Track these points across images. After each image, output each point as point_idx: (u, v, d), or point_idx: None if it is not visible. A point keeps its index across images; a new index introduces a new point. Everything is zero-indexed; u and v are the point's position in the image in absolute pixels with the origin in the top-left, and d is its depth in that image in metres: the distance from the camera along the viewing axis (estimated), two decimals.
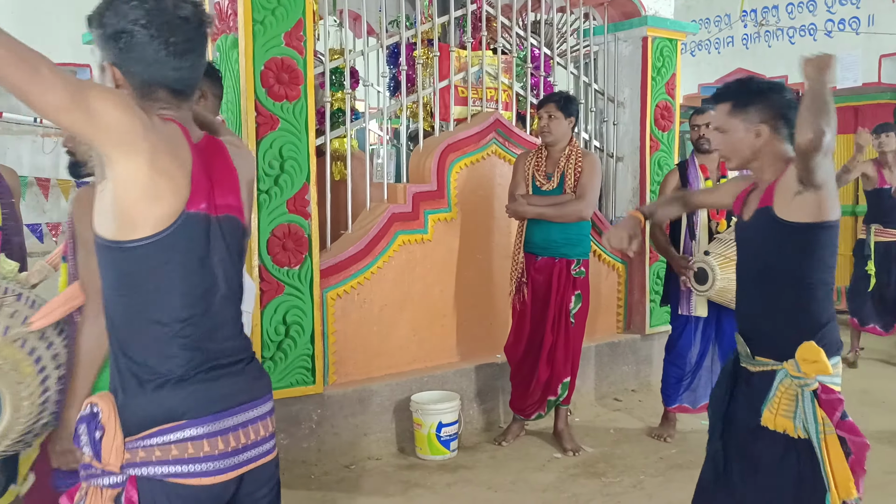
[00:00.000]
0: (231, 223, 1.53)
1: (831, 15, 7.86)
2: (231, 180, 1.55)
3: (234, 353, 1.53)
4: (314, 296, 3.77)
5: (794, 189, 2.00)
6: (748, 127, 2.13)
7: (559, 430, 4.14)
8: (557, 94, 4.11)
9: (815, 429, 2.00)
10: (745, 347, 2.17)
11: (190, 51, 1.45)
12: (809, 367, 1.99)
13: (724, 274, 3.71)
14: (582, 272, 4.01)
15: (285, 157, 3.64)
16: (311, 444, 3.82)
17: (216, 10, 3.72)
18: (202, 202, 1.44)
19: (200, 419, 1.43)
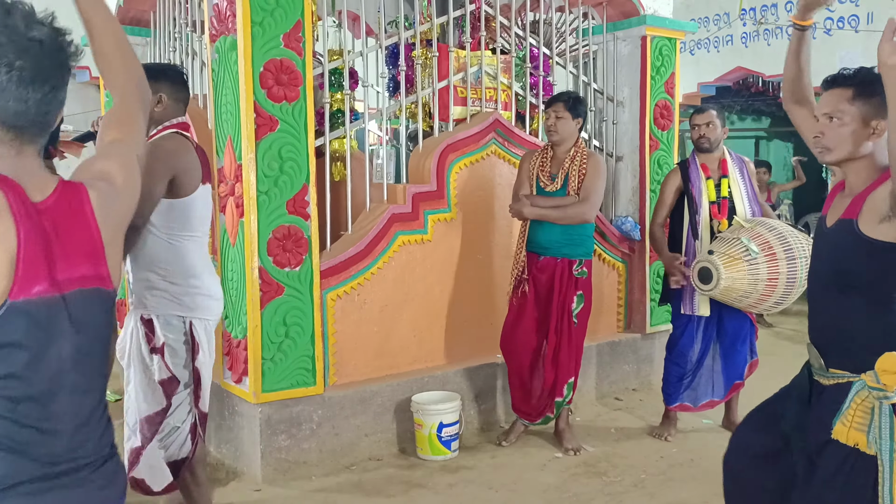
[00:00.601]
0: (84, 299, 1.27)
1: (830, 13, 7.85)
2: (87, 243, 1.28)
3: (79, 458, 1.28)
4: (314, 297, 3.77)
5: (882, 213, 1.87)
6: (867, 119, 1.94)
7: (560, 430, 4.12)
8: (566, 94, 4.07)
9: (889, 446, 1.89)
10: (819, 360, 2.06)
11: (40, 80, 1.21)
12: (890, 379, 1.88)
13: (729, 273, 3.70)
14: (584, 272, 3.99)
15: (284, 158, 3.64)
16: (312, 445, 3.82)
17: (215, 12, 3.73)
18: (36, 285, 1.19)
19: None
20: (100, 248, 1.30)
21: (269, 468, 3.70)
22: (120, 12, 5.22)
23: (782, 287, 3.73)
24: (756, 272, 3.69)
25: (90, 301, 1.29)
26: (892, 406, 1.90)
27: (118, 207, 1.35)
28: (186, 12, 4.70)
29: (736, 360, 4.21)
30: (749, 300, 3.81)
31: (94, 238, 1.29)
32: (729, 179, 4.10)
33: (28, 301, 1.18)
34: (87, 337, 1.29)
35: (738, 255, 3.71)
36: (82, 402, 1.30)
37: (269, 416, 3.70)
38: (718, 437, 4.22)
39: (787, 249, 3.69)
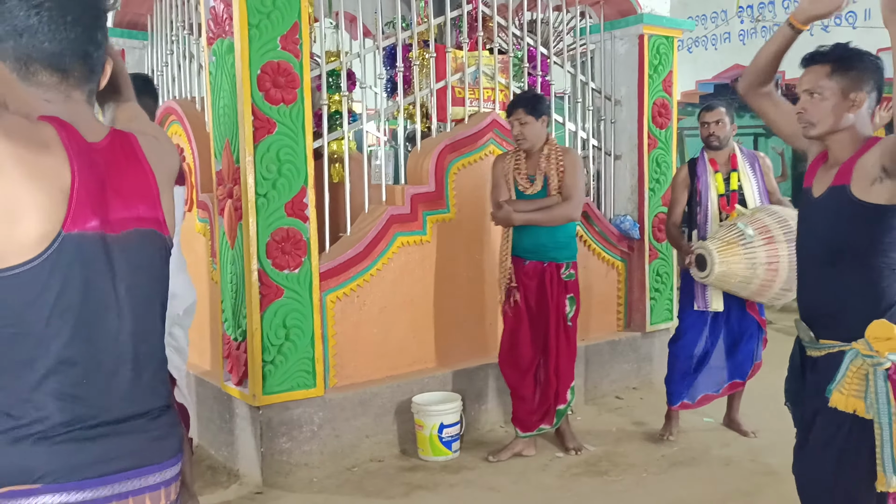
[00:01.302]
0: (142, 239, 1.28)
1: None
2: (143, 185, 1.30)
3: (133, 406, 1.27)
4: (314, 299, 3.77)
5: (873, 176, 1.93)
6: (846, 92, 2.02)
7: (561, 430, 4.09)
8: (522, 98, 3.91)
9: (887, 410, 1.94)
10: (808, 332, 2.12)
11: (71, 19, 1.21)
12: (882, 345, 1.93)
13: (723, 258, 3.63)
14: (572, 275, 3.91)
15: (283, 160, 3.64)
16: (313, 446, 3.82)
17: (212, 15, 3.72)
18: (90, 220, 1.19)
19: (60, 485, 1.16)
20: (156, 192, 1.32)
21: (270, 470, 3.69)
22: (117, 15, 5.21)
23: (786, 271, 3.61)
24: (753, 256, 3.62)
25: (148, 242, 1.30)
26: (885, 371, 1.95)
27: (166, 161, 1.38)
28: (183, 15, 4.69)
29: (739, 358, 4.17)
30: (752, 287, 3.73)
31: (150, 182, 1.31)
32: (739, 173, 4.07)
33: (83, 234, 1.18)
34: (143, 279, 1.29)
35: (733, 239, 3.66)
36: (139, 347, 1.29)
37: (270, 419, 3.69)
38: (719, 437, 4.23)
39: (788, 232, 3.57)
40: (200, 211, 4.22)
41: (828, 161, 2.12)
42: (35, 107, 1.22)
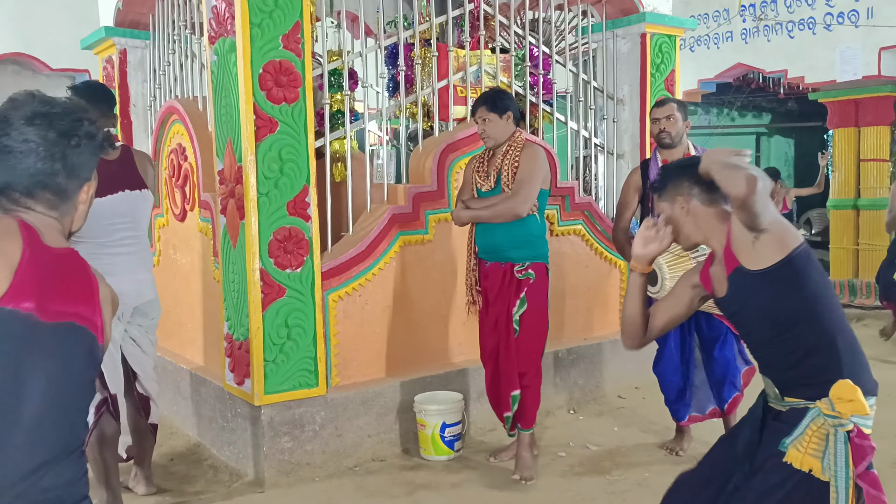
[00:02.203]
0: (75, 332, 1.37)
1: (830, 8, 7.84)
2: (87, 293, 1.42)
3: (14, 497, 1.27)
4: (316, 298, 3.77)
5: (749, 239, 2.00)
6: (675, 207, 2.21)
7: (517, 453, 3.75)
8: (484, 95, 3.78)
9: (844, 474, 1.91)
10: (773, 389, 2.10)
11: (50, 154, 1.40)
12: (845, 407, 1.91)
13: (673, 272, 3.35)
14: (530, 275, 3.64)
15: (285, 159, 3.64)
16: (315, 446, 3.82)
17: (213, 14, 3.72)
18: (26, 301, 1.29)
19: None
20: (97, 304, 1.43)
21: (272, 470, 3.69)
22: (119, 15, 5.22)
23: None
24: None
25: (78, 338, 1.38)
26: (846, 433, 1.93)
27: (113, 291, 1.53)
28: (185, 14, 4.69)
29: (721, 368, 3.85)
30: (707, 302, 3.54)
31: (94, 293, 1.44)
32: None
33: (15, 312, 1.27)
34: (67, 371, 1.36)
35: (684, 252, 3.38)
36: (49, 436, 1.32)
37: (272, 418, 3.69)
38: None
39: None
40: (202, 210, 4.22)
41: (714, 261, 2.19)
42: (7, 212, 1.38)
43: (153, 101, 5.23)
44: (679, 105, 3.87)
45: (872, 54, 7.59)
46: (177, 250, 4.68)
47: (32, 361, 1.30)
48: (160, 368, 4.73)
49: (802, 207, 11.28)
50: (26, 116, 1.38)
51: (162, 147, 4.74)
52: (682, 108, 3.88)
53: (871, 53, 7.59)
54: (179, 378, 4.49)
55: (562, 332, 4.92)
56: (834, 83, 7.93)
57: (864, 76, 7.67)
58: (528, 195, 3.59)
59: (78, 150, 1.43)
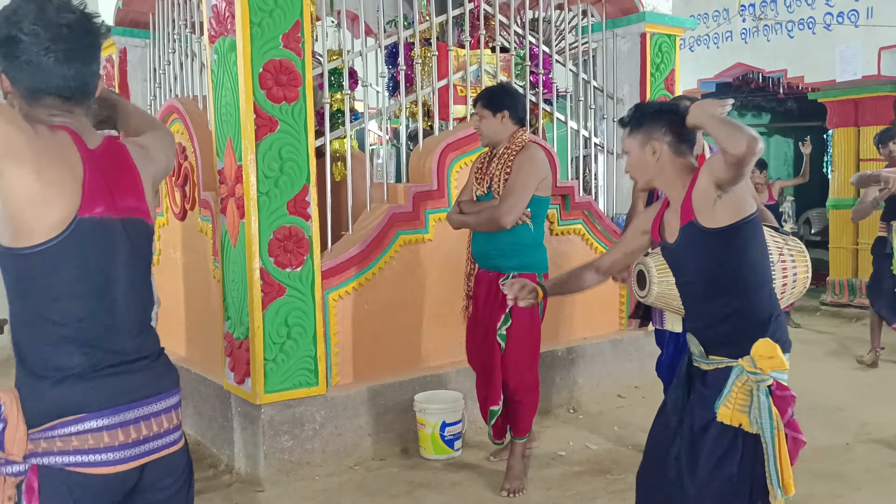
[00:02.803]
0: (136, 225, 1.60)
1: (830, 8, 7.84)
2: (132, 183, 1.60)
3: (139, 351, 1.59)
4: (316, 297, 3.77)
5: (712, 196, 2.06)
6: (644, 146, 2.25)
7: (507, 462, 3.65)
8: (483, 91, 3.67)
9: (769, 424, 2.05)
10: (698, 347, 2.21)
11: (72, 59, 1.50)
12: (765, 363, 2.03)
13: (662, 277, 3.17)
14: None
15: (285, 158, 3.64)
16: (315, 445, 3.82)
17: (213, 13, 3.72)
18: (98, 206, 1.50)
19: (100, 412, 1.49)
20: (141, 188, 1.62)
21: (272, 469, 3.70)
22: (119, 14, 5.22)
23: None
24: None
25: (139, 228, 1.61)
26: (768, 388, 2.06)
27: (150, 168, 1.68)
28: (185, 13, 4.69)
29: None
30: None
31: (137, 180, 1.62)
32: None
33: (92, 218, 1.49)
34: (136, 257, 1.61)
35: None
36: (138, 308, 1.62)
37: (272, 417, 3.70)
38: None
39: None
40: (202, 209, 4.22)
41: (669, 206, 2.27)
42: (42, 120, 1.50)
43: (153, 100, 5.23)
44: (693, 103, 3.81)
45: (872, 54, 7.59)
46: (177, 249, 4.69)
47: (115, 252, 1.54)
48: None
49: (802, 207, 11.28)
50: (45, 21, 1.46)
51: None
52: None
53: (870, 53, 7.60)
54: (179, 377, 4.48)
55: (561, 331, 4.92)
56: (833, 83, 7.93)
57: (864, 76, 7.67)
58: (514, 206, 3.40)
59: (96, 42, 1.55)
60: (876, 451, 3.97)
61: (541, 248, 3.60)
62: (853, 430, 4.27)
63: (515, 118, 3.56)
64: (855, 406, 4.72)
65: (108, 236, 1.53)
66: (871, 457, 3.88)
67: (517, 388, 3.56)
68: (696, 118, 2.12)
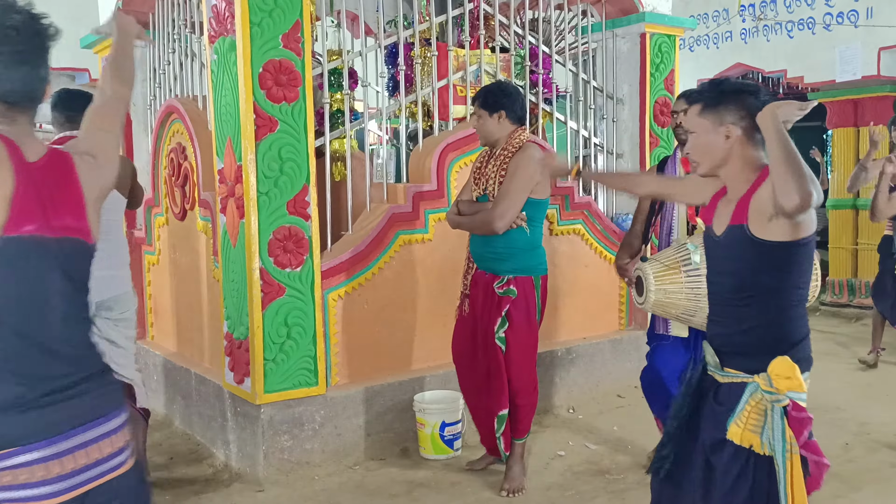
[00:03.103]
0: (73, 245, 1.51)
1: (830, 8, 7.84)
2: (72, 200, 1.51)
3: (73, 376, 1.50)
4: (315, 297, 3.77)
5: (769, 213, 1.92)
6: (717, 128, 2.04)
7: (507, 464, 3.61)
8: (480, 91, 3.61)
9: (781, 447, 1.93)
10: (714, 357, 2.11)
11: (20, 62, 1.42)
12: (782, 383, 1.92)
13: (660, 285, 3.01)
14: (511, 291, 3.42)
15: (284, 158, 3.64)
16: (315, 445, 3.82)
17: (213, 13, 3.72)
18: (27, 225, 1.41)
19: (32, 445, 1.41)
20: (82, 206, 1.53)
21: (271, 469, 3.70)
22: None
23: None
24: (698, 285, 2.89)
25: (75, 248, 1.52)
26: (783, 409, 1.94)
27: (98, 180, 1.59)
28: (185, 13, 4.69)
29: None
30: (696, 320, 3.01)
31: (78, 197, 1.52)
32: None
33: (20, 237, 1.40)
34: (75, 278, 1.53)
35: (676, 263, 3.01)
36: (76, 332, 1.55)
37: (272, 417, 3.70)
38: None
39: None
40: (202, 209, 4.22)
41: (726, 195, 2.11)
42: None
43: (153, 100, 5.23)
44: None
45: (872, 54, 7.59)
46: (176, 249, 4.69)
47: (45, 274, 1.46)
48: (159, 368, 4.75)
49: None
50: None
51: (162, 146, 4.74)
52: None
53: (870, 53, 7.60)
54: (179, 377, 4.49)
55: (561, 331, 4.92)
56: (833, 83, 7.93)
57: (864, 76, 7.68)
58: (507, 209, 3.34)
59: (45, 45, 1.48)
60: (876, 451, 3.97)
61: (538, 250, 3.54)
62: (853, 430, 4.27)
63: (513, 117, 3.49)
64: (854, 406, 4.72)
65: (40, 257, 1.44)
66: (870, 457, 3.88)
67: (521, 389, 3.53)
68: (766, 120, 1.90)
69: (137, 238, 5.16)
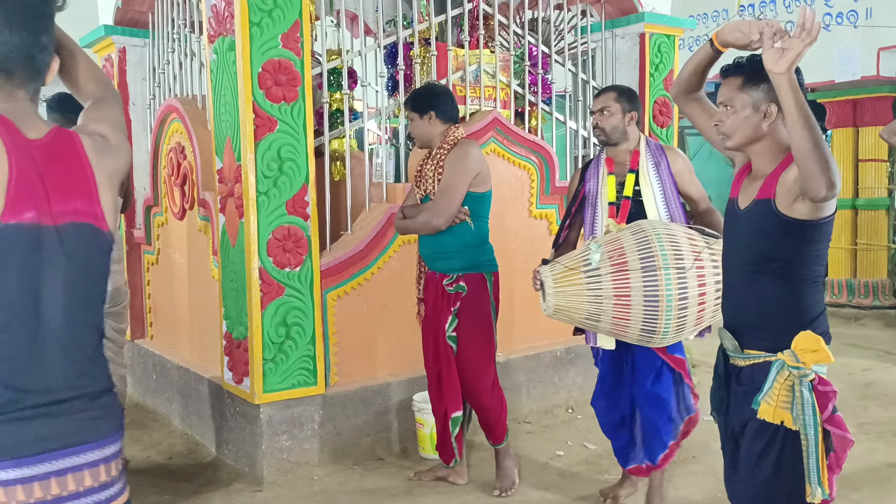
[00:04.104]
0: (79, 231, 1.33)
1: (829, 9, 7.85)
2: (81, 182, 1.34)
3: (72, 389, 1.33)
4: (315, 297, 3.77)
5: (795, 192, 1.95)
6: (757, 104, 2.02)
7: (497, 463, 3.58)
8: (412, 93, 3.59)
9: (813, 421, 1.96)
10: (733, 342, 2.12)
11: (17, 25, 1.26)
12: (809, 357, 1.95)
13: (560, 288, 2.78)
14: (461, 288, 3.35)
15: (284, 158, 3.64)
16: (314, 445, 3.82)
17: (213, 13, 3.72)
18: (26, 211, 1.25)
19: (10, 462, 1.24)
20: (93, 188, 1.36)
21: (270, 468, 3.70)
22: (118, 13, 5.21)
23: (640, 308, 2.70)
24: (598, 287, 2.74)
25: (83, 235, 1.34)
26: (811, 382, 1.97)
27: (111, 160, 1.42)
28: (185, 13, 4.69)
29: (656, 409, 3.16)
30: (602, 325, 2.82)
31: (88, 178, 1.35)
32: (638, 175, 3.16)
33: (18, 225, 1.24)
34: (81, 269, 1.34)
35: (577, 265, 2.80)
36: (79, 337, 1.35)
37: (271, 417, 3.70)
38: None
39: (647, 259, 2.71)
40: (201, 209, 4.22)
41: (752, 172, 2.13)
42: None
43: (152, 99, 5.23)
44: (620, 94, 3.25)
45: (871, 54, 7.59)
46: (176, 249, 4.69)
47: (47, 267, 1.29)
48: (159, 367, 4.75)
49: None
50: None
51: (161, 146, 4.74)
52: (625, 98, 3.22)
53: (869, 54, 7.60)
54: (178, 376, 4.49)
55: (560, 331, 4.91)
56: (833, 83, 7.94)
57: (863, 76, 7.68)
58: (446, 206, 3.29)
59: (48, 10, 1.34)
60: (874, 451, 3.97)
61: (486, 246, 3.47)
62: (852, 429, 4.25)
63: (444, 116, 3.43)
64: (853, 406, 4.73)
65: (37, 247, 1.27)
66: (869, 457, 3.88)
67: (475, 392, 3.45)
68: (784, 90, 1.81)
69: (137, 238, 5.16)
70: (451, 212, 3.31)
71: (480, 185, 3.39)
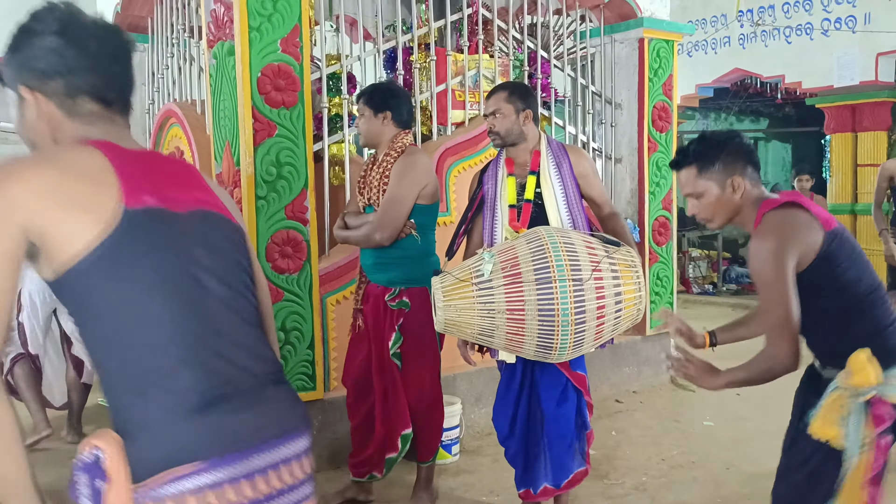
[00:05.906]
0: (208, 217, 1.32)
1: (828, 14, 7.87)
2: (192, 176, 1.37)
3: (255, 373, 1.28)
4: (313, 301, 3.77)
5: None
6: (721, 183, 2.02)
7: (413, 491, 3.41)
8: (367, 88, 3.34)
9: (856, 441, 1.93)
10: (816, 360, 2.14)
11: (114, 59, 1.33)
12: (858, 378, 1.92)
13: (449, 301, 2.58)
14: (404, 304, 3.14)
15: (283, 163, 3.64)
16: (313, 449, 3.80)
17: (212, 18, 3.73)
18: (146, 196, 1.23)
19: (219, 460, 1.17)
20: (202, 182, 1.38)
21: None
22: (117, 18, 5.22)
23: (534, 322, 2.53)
24: (490, 300, 2.55)
25: (215, 221, 1.33)
26: (861, 403, 1.94)
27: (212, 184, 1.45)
28: (184, 18, 4.70)
29: (560, 430, 2.99)
30: (496, 340, 2.64)
31: (198, 175, 1.38)
32: (538, 176, 2.97)
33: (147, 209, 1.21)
34: (224, 257, 1.32)
35: (468, 276, 2.60)
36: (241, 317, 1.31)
37: None
38: (720, 440, 4.22)
39: (542, 270, 2.52)
40: None
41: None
42: (80, 136, 1.29)
43: (151, 104, 5.23)
44: (511, 93, 3.01)
45: (870, 60, 7.61)
46: None
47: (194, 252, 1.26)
48: None
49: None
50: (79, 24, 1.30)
51: (160, 150, 4.74)
52: (517, 96, 2.99)
53: (868, 59, 7.62)
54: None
55: None
56: (831, 88, 7.96)
57: (862, 81, 7.70)
58: (390, 220, 3.06)
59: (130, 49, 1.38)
60: None
61: (431, 258, 3.23)
62: None
63: (399, 120, 3.20)
64: None
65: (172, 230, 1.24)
66: None
67: (418, 407, 3.27)
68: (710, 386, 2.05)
69: None
70: (395, 226, 3.08)
71: (428, 197, 3.16)
